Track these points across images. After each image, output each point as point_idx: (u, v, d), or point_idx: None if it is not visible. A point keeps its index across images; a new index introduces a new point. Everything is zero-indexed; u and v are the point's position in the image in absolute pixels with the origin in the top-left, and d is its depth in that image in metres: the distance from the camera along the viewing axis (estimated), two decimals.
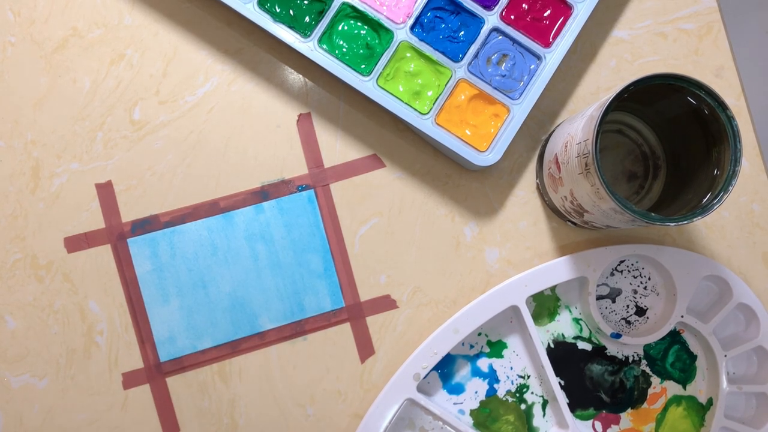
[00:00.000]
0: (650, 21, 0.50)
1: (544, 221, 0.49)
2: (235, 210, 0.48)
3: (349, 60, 0.46)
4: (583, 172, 0.40)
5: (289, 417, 0.48)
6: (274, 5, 0.47)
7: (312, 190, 0.49)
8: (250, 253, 0.48)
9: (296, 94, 0.49)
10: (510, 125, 0.46)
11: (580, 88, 0.50)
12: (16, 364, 0.47)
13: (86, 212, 0.48)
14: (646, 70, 0.50)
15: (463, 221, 0.49)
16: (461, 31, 0.47)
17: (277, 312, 0.48)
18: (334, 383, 0.48)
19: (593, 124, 0.38)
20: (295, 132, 0.49)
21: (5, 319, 0.47)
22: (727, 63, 0.50)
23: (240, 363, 0.48)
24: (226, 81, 0.49)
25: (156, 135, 0.48)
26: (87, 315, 0.47)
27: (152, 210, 0.48)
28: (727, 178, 0.39)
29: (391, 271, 0.48)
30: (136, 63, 0.49)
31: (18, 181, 0.48)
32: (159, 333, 0.47)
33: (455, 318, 0.47)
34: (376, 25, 0.47)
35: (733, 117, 0.38)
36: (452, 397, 0.49)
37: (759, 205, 0.49)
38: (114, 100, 0.48)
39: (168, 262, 0.48)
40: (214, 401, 0.47)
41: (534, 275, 0.47)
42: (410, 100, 0.46)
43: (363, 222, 0.48)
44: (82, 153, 0.48)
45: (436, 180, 0.49)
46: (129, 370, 0.47)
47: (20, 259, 0.47)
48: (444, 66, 0.47)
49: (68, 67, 0.48)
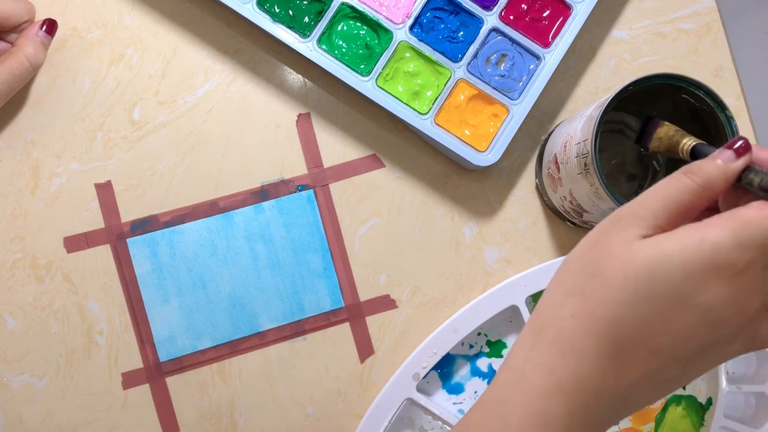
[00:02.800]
0: (649, 21, 0.50)
1: (544, 221, 0.49)
2: (235, 210, 0.48)
3: (348, 60, 0.47)
4: (582, 172, 0.40)
5: (289, 416, 0.48)
6: (274, 5, 0.47)
7: (311, 190, 0.49)
8: (249, 253, 0.48)
9: (296, 94, 0.49)
10: (509, 125, 0.46)
11: (579, 88, 0.50)
12: (16, 364, 0.47)
13: (86, 212, 0.48)
14: (646, 70, 0.50)
15: (463, 221, 0.49)
16: (460, 31, 0.47)
17: (276, 312, 0.48)
18: (334, 383, 0.48)
19: (592, 124, 0.38)
20: (294, 132, 0.49)
21: (5, 319, 0.47)
22: (726, 63, 0.50)
23: (240, 363, 0.48)
24: (225, 81, 0.49)
25: (156, 135, 0.48)
26: (87, 315, 0.47)
27: (152, 210, 0.48)
28: None
29: (390, 270, 0.48)
30: (135, 63, 0.49)
31: (18, 181, 0.48)
32: (159, 333, 0.47)
33: (455, 318, 0.47)
34: (376, 25, 0.47)
35: (733, 117, 0.39)
36: (452, 397, 0.49)
37: None
38: (114, 100, 0.48)
39: (167, 262, 0.48)
40: (213, 401, 0.47)
41: (533, 275, 0.47)
42: (409, 100, 0.47)
43: (362, 222, 0.49)
44: (82, 153, 0.48)
45: (436, 180, 0.49)
46: (129, 370, 0.47)
47: (20, 259, 0.48)
48: (443, 66, 0.47)
49: (68, 67, 0.48)
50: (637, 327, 0.29)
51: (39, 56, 0.45)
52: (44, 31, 0.46)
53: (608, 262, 0.29)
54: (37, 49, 0.45)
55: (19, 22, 0.45)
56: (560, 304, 0.31)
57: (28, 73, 0.45)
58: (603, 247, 0.30)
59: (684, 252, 0.28)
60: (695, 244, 0.28)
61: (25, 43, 0.45)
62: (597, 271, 0.30)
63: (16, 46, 0.45)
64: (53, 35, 0.46)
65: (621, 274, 0.29)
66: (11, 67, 0.44)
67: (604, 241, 0.30)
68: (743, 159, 0.30)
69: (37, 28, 0.45)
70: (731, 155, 0.30)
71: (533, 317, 0.32)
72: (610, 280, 0.29)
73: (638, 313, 0.29)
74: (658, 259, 0.28)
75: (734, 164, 0.30)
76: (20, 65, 0.44)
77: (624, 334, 0.29)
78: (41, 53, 0.45)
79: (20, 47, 0.45)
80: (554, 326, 0.30)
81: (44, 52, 0.46)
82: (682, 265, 0.28)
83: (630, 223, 0.30)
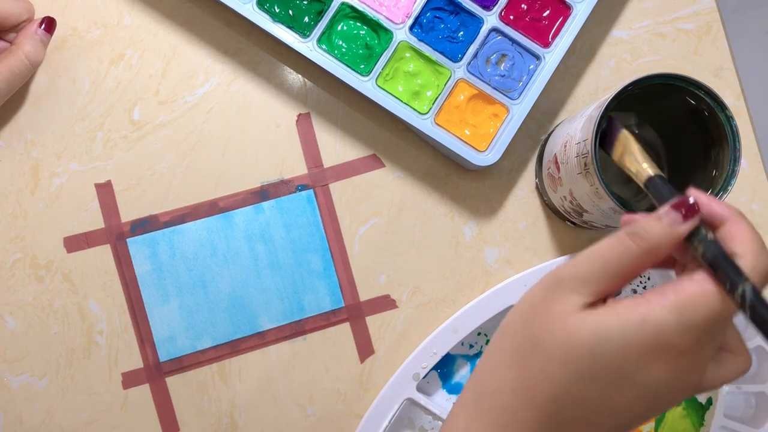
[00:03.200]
0: (649, 21, 0.50)
1: (544, 221, 0.49)
2: (235, 210, 0.48)
3: (348, 60, 0.47)
4: (582, 171, 0.40)
5: (289, 416, 0.48)
6: (274, 5, 0.47)
7: (311, 190, 0.49)
8: (249, 253, 0.48)
9: (295, 94, 0.49)
10: (509, 125, 0.46)
11: (579, 88, 0.50)
12: (16, 364, 0.47)
13: (86, 212, 0.48)
14: (646, 70, 0.50)
15: (463, 221, 0.49)
16: (460, 31, 0.47)
17: (276, 312, 0.48)
18: (334, 383, 0.48)
19: (592, 124, 0.38)
20: (294, 132, 0.49)
21: (5, 319, 0.47)
22: (726, 63, 0.50)
23: (240, 363, 0.48)
24: (225, 81, 0.49)
25: (156, 135, 0.48)
26: (87, 315, 0.47)
27: (152, 210, 0.48)
28: (726, 177, 0.39)
29: (390, 270, 0.48)
30: (135, 63, 0.49)
31: (18, 181, 0.48)
32: (159, 333, 0.47)
33: (455, 318, 0.47)
34: (376, 25, 0.47)
35: (732, 117, 0.38)
36: (452, 397, 0.49)
37: (758, 204, 0.49)
38: (113, 100, 0.48)
39: (167, 262, 0.48)
40: (213, 401, 0.47)
41: (533, 275, 0.47)
42: (409, 100, 0.47)
43: (362, 222, 0.49)
44: (82, 153, 0.48)
45: (436, 180, 0.49)
46: (129, 369, 0.47)
47: (20, 259, 0.48)
48: (443, 66, 0.47)
49: (68, 67, 0.48)
50: (578, 403, 0.29)
51: (38, 54, 0.45)
52: (43, 29, 0.46)
53: (549, 338, 0.29)
54: (37, 47, 0.45)
55: (18, 22, 0.45)
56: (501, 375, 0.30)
57: (27, 72, 0.45)
58: (543, 317, 0.30)
59: (625, 333, 0.28)
60: (637, 324, 0.28)
61: (24, 42, 0.45)
62: (537, 346, 0.29)
63: (16, 45, 0.45)
64: (52, 33, 0.46)
65: (562, 351, 0.29)
66: (11, 65, 0.44)
67: (544, 309, 0.30)
68: (689, 223, 0.29)
69: (36, 26, 0.45)
70: (678, 218, 0.29)
71: (474, 379, 0.32)
72: (550, 356, 0.29)
73: (579, 390, 0.28)
74: (599, 339, 0.28)
75: (681, 228, 0.29)
76: (20, 63, 0.44)
77: (564, 409, 0.29)
78: (40, 51, 0.45)
79: (19, 45, 0.45)
80: (495, 398, 0.30)
81: (43, 50, 0.46)
82: (624, 345, 0.28)
83: (571, 289, 0.29)
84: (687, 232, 0.29)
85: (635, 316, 0.28)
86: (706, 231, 0.29)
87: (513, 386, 0.30)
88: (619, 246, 0.29)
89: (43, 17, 0.46)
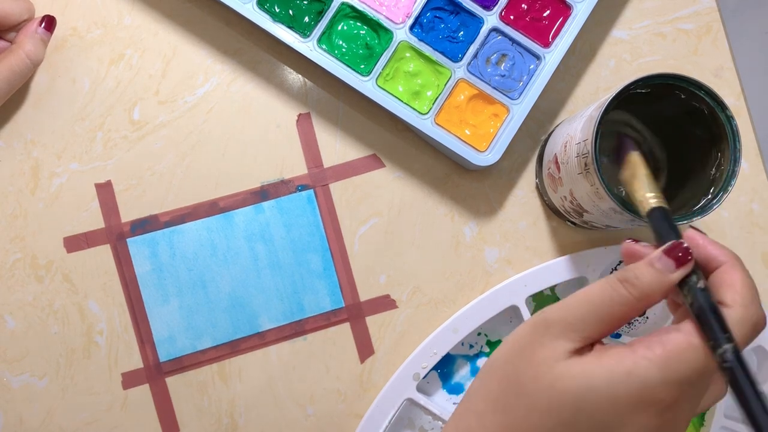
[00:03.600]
0: (649, 21, 0.50)
1: (544, 221, 0.49)
2: (235, 210, 0.48)
3: (348, 60, 0.46)
4: (582, 171, 0.40)
5: (289, 417, 0.48)
6: (274, 5, 0.47)
7: (311, 190, 0.49)
8: (249, 253, 0.48)
9: (296, 94, 0.49)
10: (509, 125, 0.46)
11: (579, 88, 0.50)
12: (16, 364, 0.47)
13: (86, 212, 0.48)
14: (646, 70, 0.50)
15: (463, 221, 0.49)
16: (460, 31, 0.47)
17: (276, 312, 0.48)
18: (334, 383, 0.48)
19: (592, 124, 0.38)
20: (294, 132, 0.49)
21: (5, 319, 0.47)
22: (726, 63, 0.50)
23: (240, 363, 0.48)
24: (225, 81, 0.49)
25: (156, 135, 0.48)
26: (87, 315, 0.47)
27: (152, 210, 0.48)
28: (727, 177, 0.39)
29: (390, 270, 0.48)
30: (135, 63, 0.49)
31: (18, 181, 0.48)
32: (159, 333, 0.47)
33: (455, 318, 0.47)
34: (376, 25, 0.47)
35: (733, 117, 0.38)
36: (452, 397, 0.49)
37: (758, 204, 0.49)
38: (113, 100, 0.48)
39: (167, 262, 0.48)
40: (213, 401, 0.47)
41: (533, 275, 0.47)
42: (410, 100, 0.46)
43: (362, 222, 0.49)
44: (82, 153, 0.48)
45: (436, 180, 0.49)
46: (129, 370, 0.47)
47: (20, 259, 0.47)
48: (443, 66, 0.47)
49: (68, 67, 0.48)
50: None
51: (39, 53, 0.45)
52: (43, 27, 0.46)
53: (534, 384, 0.29)
54: (37, 45, 0.45)
55: (18, 21, 0.45)
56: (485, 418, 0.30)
57: (28, 70, 0.45)
58: (529, 361, 0.29)
59: (611, 385, 0.27)
60: (623, 377, 0.27)
61: (24, 41, 0.45)
62: (521, 392, 0.29)
63: (16, 44, 0.45)
64: (52, 32, 0.46)
65: (546, 399, 0.28)
66: (11, 64, 0.44)
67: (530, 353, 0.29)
68: (681, 271, 0.29)
69: (36, 25, 0.45)
70: (670, 265, 0.28)
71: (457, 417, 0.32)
72: (534, 403, 0.29)
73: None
74: (584, 390, 0.28)
75: (672, 276, 0.29)
76: (20, 62, 0.44)
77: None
78: (41, 50, 0.45)
79: (20, 44, 0.45)
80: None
81: (44, 48, 0.46)
82: (609, 398, 0.27)
83: (559, 333, 0.29)
84: (678, 280, 0.29)
85: (621, 368, 0.28)
86: (698, 278, 0.29)
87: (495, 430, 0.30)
88: (611, 292, 0.29)
89: (43, 16, 0.46)
